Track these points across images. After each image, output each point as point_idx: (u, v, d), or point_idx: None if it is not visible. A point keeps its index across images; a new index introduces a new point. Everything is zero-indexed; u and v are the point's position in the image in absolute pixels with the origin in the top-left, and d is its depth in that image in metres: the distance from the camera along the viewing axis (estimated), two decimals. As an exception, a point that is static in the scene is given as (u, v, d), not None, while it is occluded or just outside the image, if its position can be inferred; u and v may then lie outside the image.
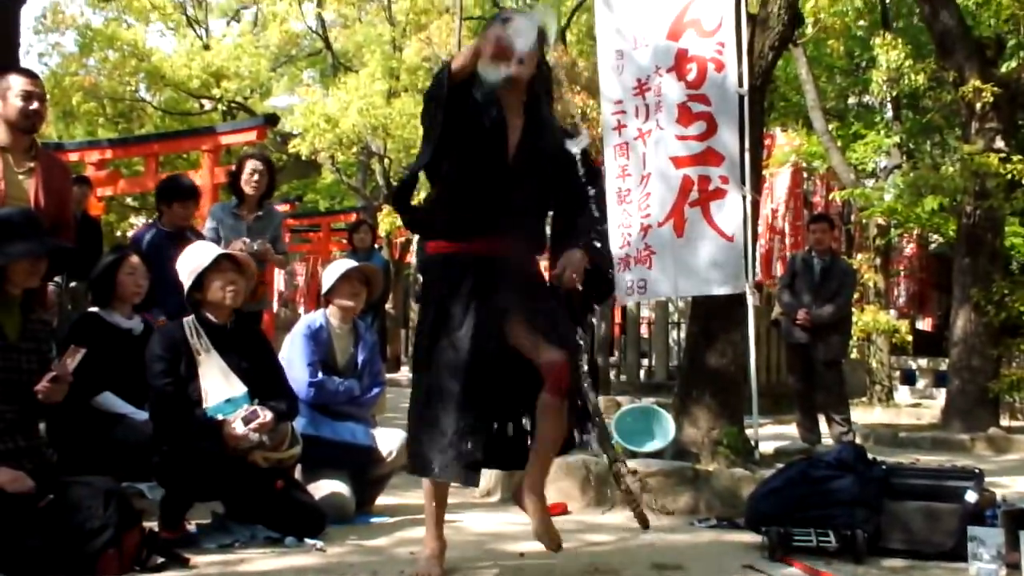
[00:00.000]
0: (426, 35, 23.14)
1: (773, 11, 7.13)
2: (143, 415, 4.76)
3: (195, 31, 29.60)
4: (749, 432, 6.86)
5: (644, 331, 16.32)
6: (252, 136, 14.98)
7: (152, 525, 4.37)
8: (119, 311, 5.16)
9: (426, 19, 24.24)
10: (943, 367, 14.32)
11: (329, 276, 5.92)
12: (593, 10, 8.84)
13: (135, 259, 5.30)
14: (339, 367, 5.79)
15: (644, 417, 6.74)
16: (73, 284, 8.89)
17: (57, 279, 7.59)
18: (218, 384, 4.49)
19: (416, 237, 12.90)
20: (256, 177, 7.14)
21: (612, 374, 14.84)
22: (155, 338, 4.62)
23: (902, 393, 16.58)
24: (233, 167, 7.72)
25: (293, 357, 5.64)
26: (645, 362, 15.51)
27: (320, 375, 5.63)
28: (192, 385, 4.46)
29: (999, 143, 10.79)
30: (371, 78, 21.85)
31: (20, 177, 4.79)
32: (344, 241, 15.98)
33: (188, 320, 4.61)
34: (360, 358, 5.87)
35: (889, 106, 18.88)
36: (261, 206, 7.28)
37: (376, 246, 10.90)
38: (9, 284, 3.95)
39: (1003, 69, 12.66)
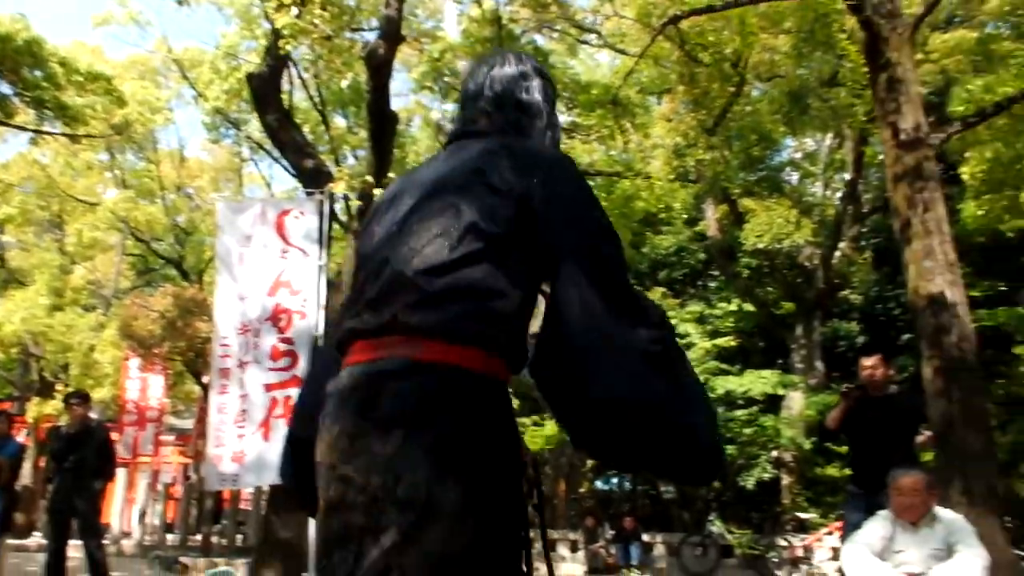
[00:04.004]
0: (92, 264, 21.72)
1: (345, 279, 7.46)
2: None
3: None
4: (309, 589, 6.66)
5: (243, 504, 15.39)
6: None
7: None
8: None
9: (92, 252, 22.79)
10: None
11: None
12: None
13: None
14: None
15: (224, 580, 6.33)
16: None
17: None
18: None
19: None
20: None
21: (215, 539, 13.79)
22: None
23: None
24: None
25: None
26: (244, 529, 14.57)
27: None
28: None
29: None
30: (36, 294, 19.90)
31: None
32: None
33: None
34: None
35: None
36: None
37: (12, 434, 9.59)
38: None
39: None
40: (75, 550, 7.28)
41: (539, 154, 1.64)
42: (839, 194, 18.61)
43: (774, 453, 15.92)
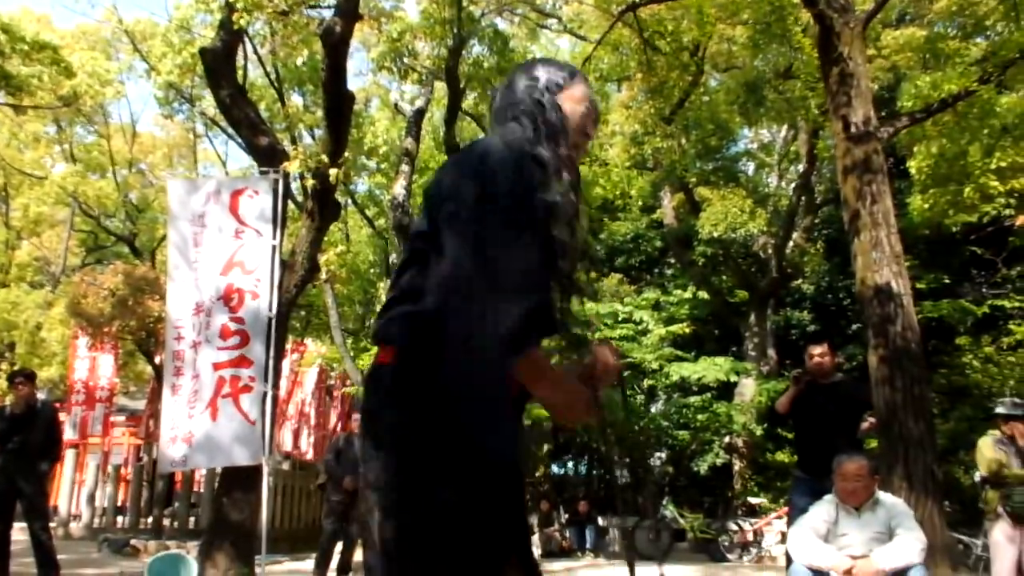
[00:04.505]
0: (39, 240, 21.16)
1: (299, 260, 7.37)
2: None
3: None
4: (259, 570, 6.63)
5: (195, 486, 15.18)
6: None
7: None
8: None
9: (39, 227, 22.20)
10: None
11: None
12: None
13: None
14: None
15: (172, 563, 6.24)
16: None
17: None
18: None
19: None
20: None
21: (166, 522, 13.61)
22: None
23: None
24: None
25: None
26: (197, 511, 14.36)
27: None
28: None
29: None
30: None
31: None
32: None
33: None
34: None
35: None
36: None
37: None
38: None
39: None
40: (20, 533, 7.14)
41: (472, 151, 1.67)
42: (793, 185, 18.86)
43: (727, 439, 16.16)
